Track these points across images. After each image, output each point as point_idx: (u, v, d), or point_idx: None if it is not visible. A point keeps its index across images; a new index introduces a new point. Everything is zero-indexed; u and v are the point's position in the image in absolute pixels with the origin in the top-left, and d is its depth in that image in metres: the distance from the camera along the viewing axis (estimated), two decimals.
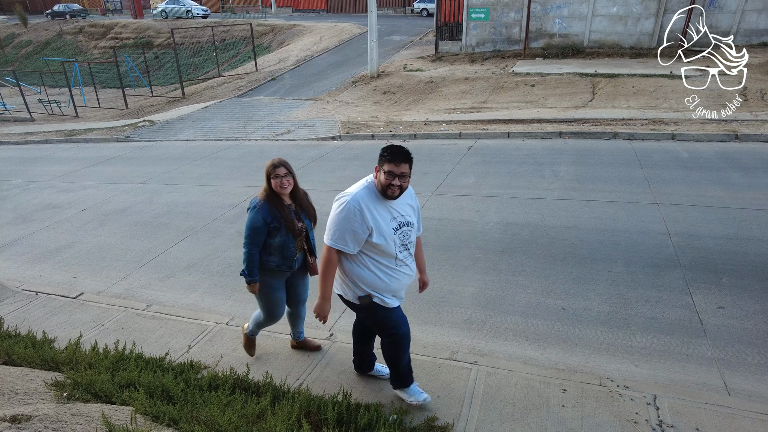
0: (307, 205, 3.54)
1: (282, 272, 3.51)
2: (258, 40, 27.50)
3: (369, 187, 2.89)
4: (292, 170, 3.34)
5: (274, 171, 3.27)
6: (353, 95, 15.87)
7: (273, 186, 3.28)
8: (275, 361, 3.95)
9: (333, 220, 2.86)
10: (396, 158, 2.75)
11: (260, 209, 3.30)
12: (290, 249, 3.40)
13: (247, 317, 4.75)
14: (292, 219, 3.35)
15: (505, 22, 17.95)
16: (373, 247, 2.87)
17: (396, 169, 2.75)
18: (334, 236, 2.84)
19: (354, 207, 2.77)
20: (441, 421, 3.17)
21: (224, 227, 7.05)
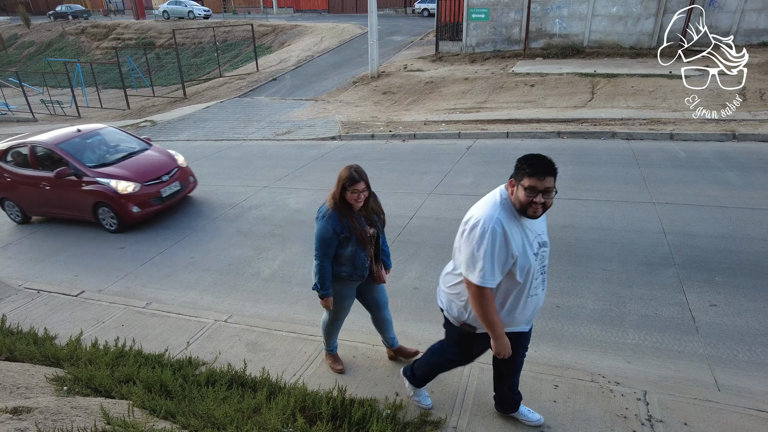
0: (377, 210, 3.28)
1: (353, 281, 3.34)
2: (259, 41, 27.59)
3: (505, 205, 2.42)
4: (368, 182, 3.09)
5: (352, 186, 3.01)
6: (353, 95, 15.93)
7: (347, 198, 3.05)
8: (272, 358, 4.01)
9: (472, 250, 2.39)
10: (538, 171, 2.31)
11: (329, 219, 3.07)
12: (361, 258, 3.21)
13: (245, 314, 4.83)
14: (362, 228, 3.14)
15: (505, 22, 17.99)
16: (509, 276, 2.45)
17: (539, 184, 2.31)
18: (484, 272, 2.37)
19: (499, 232, 2.34)
20: (434, 416, 3.22)
21: (224, 226, 7.11)
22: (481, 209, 2.45)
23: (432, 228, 6.42)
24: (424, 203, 7.22)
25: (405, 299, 4.87)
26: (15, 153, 7.89)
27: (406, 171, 8.90)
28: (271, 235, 6.63)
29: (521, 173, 2.36)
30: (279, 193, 8.23)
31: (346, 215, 3.09)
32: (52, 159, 7.47)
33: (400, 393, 3.45)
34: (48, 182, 7.40)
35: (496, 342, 2.57)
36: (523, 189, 2.34)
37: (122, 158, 7.75)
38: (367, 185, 3.07)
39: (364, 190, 3.05)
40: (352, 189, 3.01)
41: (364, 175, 3.06)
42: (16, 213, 8.13)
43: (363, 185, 3.03)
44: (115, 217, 7.18)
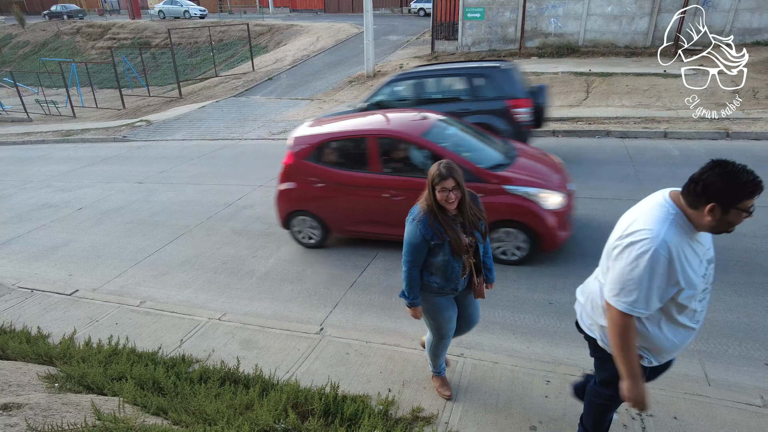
0: (477, 216, 2.88)
1: (446, 294, 3.01)
2: (255, 40, 27.55)
3: (677, 222, 1.99)
4: (461, 180, 2.69)
5: (441, 183, 2.66)
6: (349, 94, 15.93)
7: (438, 199, 2.71)
8: (266, 355, 4.02)
9: (626, 272, 2.00)
10: (758, 190, 1.89)
11: (419, 223, 2.75)
12: (455, 269, 2.87)
13: (239, 312, 4.84)
14: (458, 236, 2.78)
15: (500, 21, 18.02)
16: (674, 303, 2.07)
17: (748, 203, 1.91)
18: (629, 297, 2.02)
19: (664, 257, 1.94)
20: (426, 411, 3.23)
21: (219, 225, 7.11)
22: (647, 222, 2.00)
23: None
24: None
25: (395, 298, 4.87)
26: (337, 147, 5.66)
27: None
28: (265, 234, 6.63)
29: (741, 194, 1.90)
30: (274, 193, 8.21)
31: (438, 219, 2.74)
32: (404, 156, 5.38)
33: (392, 389, 3.46)
34: (397, 189, 5.24)
35: (629, 384, 2.15)
36: (738, 212, 1.91)
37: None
38: (459, 184, 2.67)
39: (455, 188, 2.67)
40: (441, 187, 2.66)
41: (455, 172, 2.67)
42: (312, 233, 6.00)
43: (452, 182, 2.65)
44: (529, 241, 5.10)
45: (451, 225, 2.78)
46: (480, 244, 2.96)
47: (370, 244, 6.01)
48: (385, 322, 4.45)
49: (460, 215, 2.82)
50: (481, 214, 2.92)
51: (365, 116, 6.16)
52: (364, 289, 5.03)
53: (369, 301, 4.83)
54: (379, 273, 5.34)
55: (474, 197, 2.92)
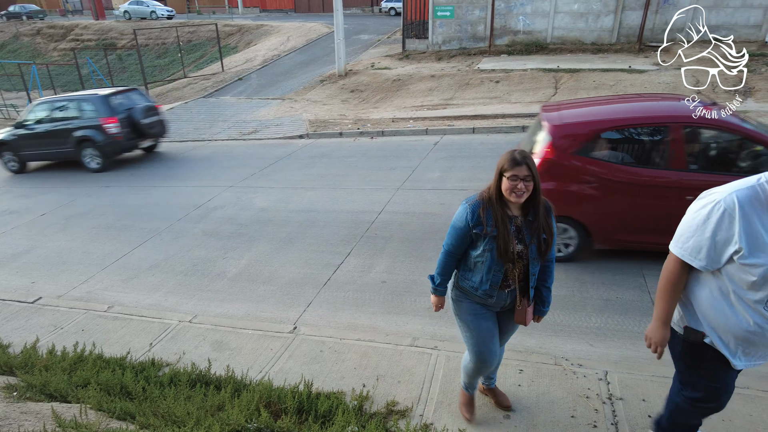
0: (541, 226, 2.41)
1: (483, 302, 2.60)
2: (225, 41, 27.15)
3: (755, 189, 1.90)
4: (536, 173, 2.31)
5: (513, 168, 2.28)
6: (321, 94, 15.85)
7: (503, 186, 2.33)
8: (238, 356, 3.95)
9: (689, 221, 2.03)
10: None
11: (469, 206, 2.42)
12: (495, 274, 2.47)
13: (210, 314, 4.75)
14: (507, 233, 2.37)
15: (470, 19, 18.19)
16: (742, 273, 1.93)
17: None
18: (685, 243, 2.02)
19: (726, 210, 1.90)
20: (401, 405, 3.23)
21: (188, 227, 6.97)
22: (724, 188, 1.97)
23: (400, 222, 6.43)
24: (392, 198, 7.23)
25: (373, 293, 4.86)
26: (623, 137, 4.69)
27: (375, 167, 8.90)
28: (236, 235, 6.53)
29: None
30: (245, 193, 8.12)
31: (491, 208, 2.38)
32: (725, 150, 4.55)
33: (367, 385, 3.45)
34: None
35: (656, 326, 2.21)
36: None
37: None
38: (533, 175, 2.29)
39: (527, 178, 2.28)
40: (512, 174, 2.27)
41: (530, 161, 2.30)
42: (565, 243, 5.04)
43: (525, 170, 2.27)
44: None
45: (505, 221, 2.37)
46: (533, 260, 2.46)
47: (344, 243, 5.98)
48: (359, 319, 4.43)
49: (522, 216, 2.42)
50: (549, 228, 2.43)
51: (640, 100, 5.39)
52: (338, 287, 5.00)
53: (343, 298, 4.80)
54: (353, 271, 5.31)
55: (548, 207, 2.46)
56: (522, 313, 2.60)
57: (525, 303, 2.57)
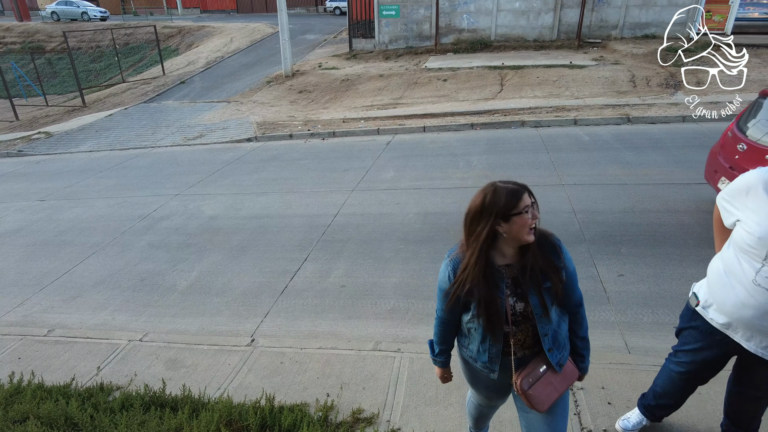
0: (540, 271, 1.84)
1: (482, 371, 2.08)
2: (165, 43, 26.14)
3: None
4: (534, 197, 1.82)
5: (520, 202, 1.75)
6: (268, 95, 15.52)
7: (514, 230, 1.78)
8: (194, 374, 3.77)
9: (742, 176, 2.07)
10: None
11: (450, 262, 1.94)
12: (492, 343, 1.96)
13: (162, 330, 4.53)
14: (491, 296, 1.84)
15: (415, 18, 18.33)
16: (742, 237, 2.00)
17: None
18: (726, 190, 2.13)
19: (756, 178, 1.97)
20: (367, 412, 3.18)
21: (134, 240, 6.63)
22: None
23: (356, 224, 6.37)
24: (347, 200, 7.15)
25: (333, 298, 4.78)
26: None
27: (328, 169, 8.79)
28: (185, 246, 6.27)
29: None
30: (192, 201, 7.81)
31: (476, 264, 1.83)
32: None
33: (331, 394, 3.37)
34: None
35: None
36: None
37: None
38: (535, 202, 1.81)
39: (535, 204, 1.79)
40: (524, 207, 1.74)
41: (527, 187, 1.82)
42: None
43: (530, 196, 1.79)
44: None
45: (493, 279, 1.85)
46: (541, 318, 1.88)
47: (300, 248, 5.86)
48: (319, 326, 4.34)
49: (518, 261, 1.87)
50: (556, 270, 1.86)
51: None
52: (296, 295, 4.89)
53: (302, 306, 4.69)
54: (311, 276, 5.21)
55: (553, 243, 1.90)
56: (534, 398, 1.92)
57: (524, 375, 1.94)
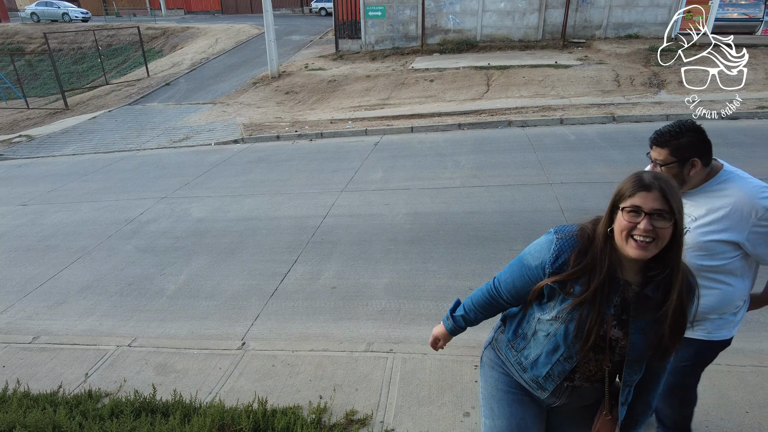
0: (671, 310, 1.44)
1: (527, 384, 1.72)
2: (148, 44, 25.85)
3: None
4: (679, 210, 1.39)
5: (637, 194, 1.41)
6: (254, 96, 15.43)
7: (617, 226, 1.46)
8: (184, 378, 3.74)
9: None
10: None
11: (557, 240, 1.58)
12: (563, 362, 1.58)
13: (151, 335, 4.47)
14: (601, 305, 1.47)
15: (401, 19, 18.35)
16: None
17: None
18: None
19: None
20: (360, 413, 3.17)
21: (120, 244, 6.54)
22: None
23: (346, 225, 6.36)
24: (336, 201, 7.14)
25: (324, 300, 4.77)
26: None
27: (316, 170, 8.77)
28: (173, 249, 6.21)
29: None
30: (179, 204, 7.74)
31: (588, 251, 1.51)
32: None
33: (324, 396, 3.36)
34: None
35: None
36: None
37: None
38: (673, 211, 1.37)
39: (662, 214, 1.37)
40: (632, 204, 1.40)
41: (671, 190, 1.40)
42: None
43: (660, 201, 1.37)
44: None
45: (606, 284, 1.46)
46: (633, 362, 1.53)
47: (289, 250, 5.83)
48: (310, 328, 4.33)
49: (640, 284, 1.48)
50: (684, 316, 1.45)
51: None
52: (286, 297, 4.86)
53: (292, 308, 4.67)
54: (301, 278, 5.18)
55: (691, 284, 1.48)
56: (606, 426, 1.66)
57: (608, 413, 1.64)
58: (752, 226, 1.88)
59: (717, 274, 2.02)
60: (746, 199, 1.88)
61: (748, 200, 1.88)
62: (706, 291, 1.98)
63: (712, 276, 2.02)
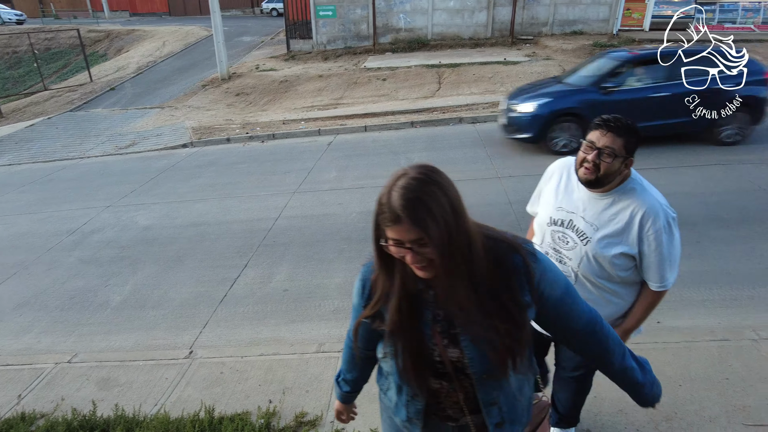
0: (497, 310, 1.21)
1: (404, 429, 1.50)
2: (91, 48, 24.84)
3: None
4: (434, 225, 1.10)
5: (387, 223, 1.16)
6: (204, 99, 15.06)
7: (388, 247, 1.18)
8: (128, 392, 3.60)
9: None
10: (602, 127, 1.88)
11: (363, 267, 1.39)
12: (412, 398, 1.38)
13: (94, 350, 4.29)
14: (412, 334, 1.27)
15: (352, 18, 18.33)
16: None
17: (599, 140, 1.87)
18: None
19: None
20: (310, 415, 3.14)
21: (62, 256, 6.24)
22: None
23: (299, 227, 6.29)
24: (288, 203, 7.05)
25: (275, 303, 4.70)
26: None
27: (268, 172, 8.64)
28: (119, 259, 5.97)
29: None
30: (125, 212, 7.46)
31: (385, 278, 1.26)
32: None
33: (273, 400, 3.31)
34: None
35: None
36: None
37: None
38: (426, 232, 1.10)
39: (418, 241, 1.12)
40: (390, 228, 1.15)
41: (418, 204, 1.12)
42: None
43: (408, 228, 1.12)
44: None
45: (415, 303, 1.26)
46: (482, 379, 1.28)
47: (240, 255, 5.71)
48: (261, 333, 4.25)
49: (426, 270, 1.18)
50: (507, 307, 1.21)
51: None
52: (236, 303, 4.76)
53: (242, 314, 4.58)
54: (251, 283, 5.09)
55: (516, 265, 1.23)
56: None
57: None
58: (644, 239, 1.88)
59: (615, 285, 2.03)
60: (645, 212, 1.87)
61: (649, 213, 1.86)
62: (602, 302, 2.03)
63: (609, 287, 2.02)
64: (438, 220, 1.09)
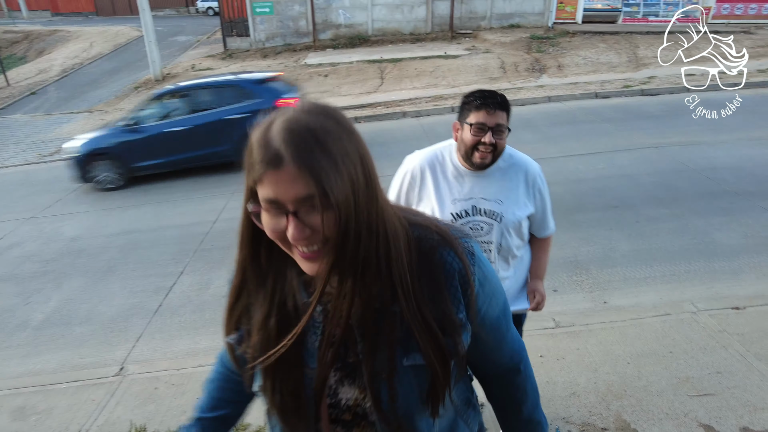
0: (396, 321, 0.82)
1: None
2: (8, 50, 23.12)
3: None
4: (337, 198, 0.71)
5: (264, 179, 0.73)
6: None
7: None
8: (48, 419, 3.26)
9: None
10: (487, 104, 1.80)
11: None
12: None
13: (8, 376, 3.89)
14: (288, 367, 0.86)
15: (291, 15, 17.94)
16: None
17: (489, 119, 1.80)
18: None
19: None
20: (254, 425, 2.94)
21: None
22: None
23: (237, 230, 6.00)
24: (227, 204, 6.74)
25: (214, 310, 4.42)
26: None
27: (204, 173, 8.24)
28: (41, 274, 5.49)
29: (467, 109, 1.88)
30: (49, 223, 6.90)
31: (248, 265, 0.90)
32: None
33: None
34: None
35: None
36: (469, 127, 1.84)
37: None
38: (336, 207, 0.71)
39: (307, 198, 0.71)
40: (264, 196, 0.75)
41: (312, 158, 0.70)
42: None
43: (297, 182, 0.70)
44: None
45: (277, 317, 0.86)
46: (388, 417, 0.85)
47: (175, 262, 5.38)
48: (199, 343, 3.99)
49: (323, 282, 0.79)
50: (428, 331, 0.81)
51: None
52: (172, 313, 4.46)
53: (179, 323, 4.29)
54: (188, 290, 4.79)
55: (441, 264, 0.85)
56: None
57: None
58: (536, 194, 1.96)
59: (523, 250, 2.05)
60: (528, 170, 1.95)
61: (531, 171, 1.95)
62: (518, 273, 2.05)
63: (520, 253, 2.03)
64: (340, 169, 0.71)
